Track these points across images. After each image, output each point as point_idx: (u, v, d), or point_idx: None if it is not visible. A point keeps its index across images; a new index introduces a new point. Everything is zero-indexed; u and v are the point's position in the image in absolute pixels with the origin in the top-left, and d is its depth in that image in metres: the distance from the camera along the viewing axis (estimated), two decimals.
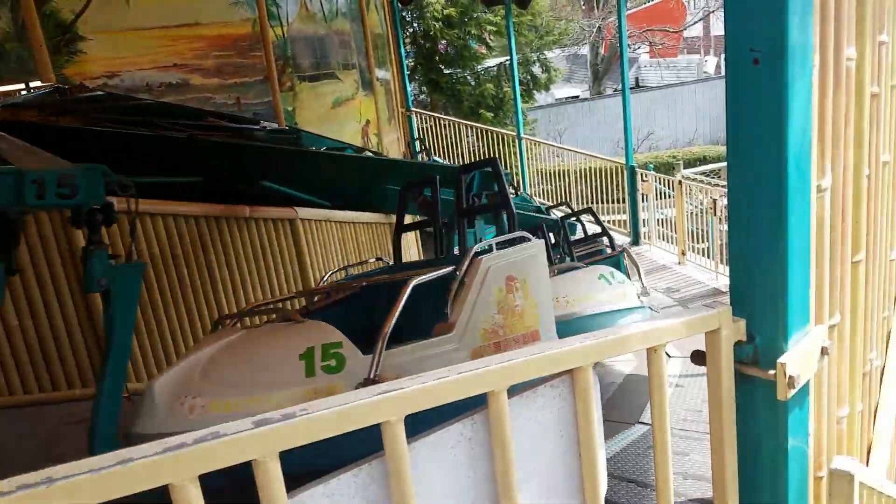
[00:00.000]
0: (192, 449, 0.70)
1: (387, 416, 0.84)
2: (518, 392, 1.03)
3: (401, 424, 0.85)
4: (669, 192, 9.13)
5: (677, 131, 22.28)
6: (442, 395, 0.88)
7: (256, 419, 0.75)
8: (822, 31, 1.30)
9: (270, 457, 0.77)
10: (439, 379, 0.88)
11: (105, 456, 0.68)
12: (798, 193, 1.15)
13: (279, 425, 0.76)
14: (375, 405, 0.83)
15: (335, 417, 0.79)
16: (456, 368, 0.90)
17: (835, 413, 1.63)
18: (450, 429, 0.95)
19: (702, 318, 1.17)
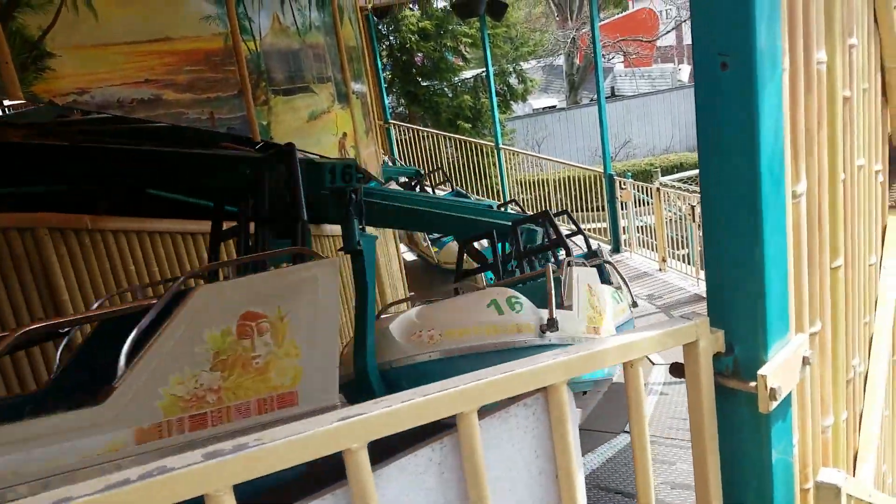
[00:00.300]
0: (136, 485, 0.65)
1: (348, 444, 0.79)
2: (490, 412, 0.98)
3: (364, 451, 0.80)
4: (648, 200, 9.18)
5: (654, 139, 22.51)
6: (407, 419, 0.83)
7: (207, 451, 0.70)
8: (791, 35, 1.29)
9: (224, 491, 0.71)
10: (404, 402, 0.83)
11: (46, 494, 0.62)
12: (773, 199, 1.13)
13: (231, 457, 0.70)
14: (335, 432, 0.78)
15: (292, 447, 0.74)
16: (422, 390, 0.85)
17: (819, 423, 1.60)
18: (418, 453, 0.90)
19: (679, 331, 1.14)
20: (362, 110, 8.08)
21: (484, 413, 0.96)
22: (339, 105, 7.00)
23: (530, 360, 0.96)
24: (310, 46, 6.25)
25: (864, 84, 2.06)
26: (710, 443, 1.20)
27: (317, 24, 6.36)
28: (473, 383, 0.89)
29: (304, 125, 6.11)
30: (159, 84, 4.34)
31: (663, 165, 16.87)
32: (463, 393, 0.88)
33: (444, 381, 0.89)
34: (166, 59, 4.46)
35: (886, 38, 2.26)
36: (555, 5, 24.68)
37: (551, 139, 20.82)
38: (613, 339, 1.08)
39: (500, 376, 0.92)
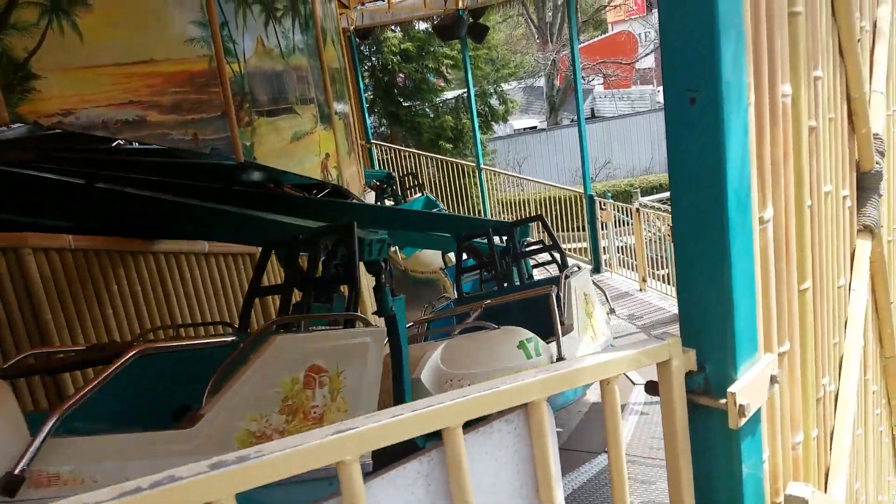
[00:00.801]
0: (147, 493, 0.70)
1: (341, 456, 0.84)
2: (474, 428, 1.03)
3: (356, 464, 0.85)
4: (628, 220, 9.32)
5: (633, 160, 22.84)
6: (397, 433, 0.89)
7: (212, 462, 0.75)
8: (757, 70, 1.37)
9: (227, 499, 0.76)
10: (394, 417, 0.88)
11: None
12: (739, 226, 1.20)
13: (234, 468, 0.75)
14: (330, 445, 0.82)
15: (290, 459, 0.79)
16: (410, 406, 0.91)
17: (789, 439, 1.66)
18: (406, 466, 0.95)
19: (652, 350, 1.20)
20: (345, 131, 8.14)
21: (468, 429, 1.01)
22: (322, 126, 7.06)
23: (512, 378, 1.02)
24: (293, 68, 6.32)
25: (830, 114, 2.16)
26: (683, 458, 1.26)
27: (300, 46, 6.43)
28: (458, 400, 0.94)
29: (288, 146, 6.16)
30: (144, 105, 4.38)
31: (643, 186, 17.15)
32: (449, 408, 0.93)
33: (429, 399, 0.94)
34: (151, 80, 4.50)
35: (851, 70, 2.37)
36: (535, 28, 25.09)
37: (532, 160, 21.05)
38: (590, 359, 1.14)
39: (484, 393, 0.97)
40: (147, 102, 4.27)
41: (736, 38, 1.20)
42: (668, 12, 1.21)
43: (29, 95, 3.69)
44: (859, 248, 2.46)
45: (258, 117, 5.52)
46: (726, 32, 1.16)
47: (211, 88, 4.83)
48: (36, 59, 3.77)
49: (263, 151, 5.48)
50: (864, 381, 2.68)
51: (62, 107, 3.88)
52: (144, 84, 4.29)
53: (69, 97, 3.90)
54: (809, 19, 1.84)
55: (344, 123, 8.02)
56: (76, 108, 3.91)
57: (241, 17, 5.34)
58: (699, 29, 1.14)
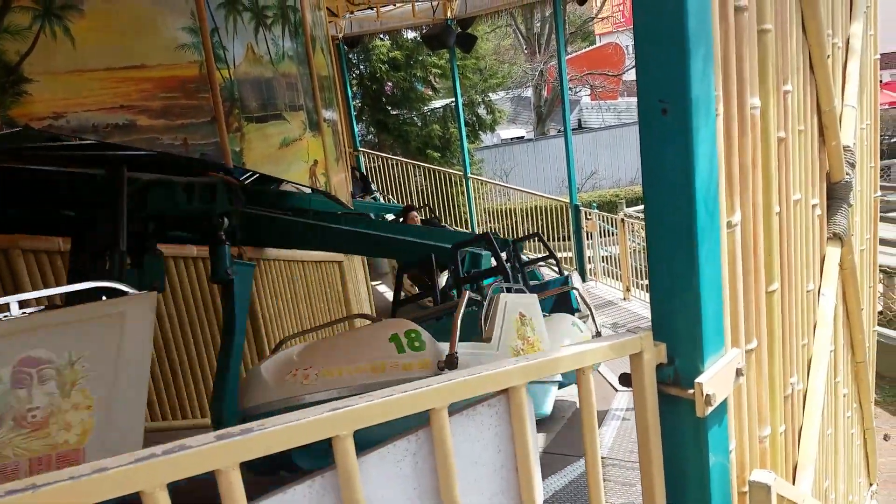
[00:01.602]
0: (161, 459, 0.77)
1: (337, 431, 0.91)
2: (459, 410, 1.11)
3: (350, 439, 0.93)
4: (613, 230, 9.44)
5: (619, 171, 23.07)
6: (388, 411, 0.97)
7: (218, 433, 0.82)
8: (725, 84, 1.46)
9: (232, 467, 0.84)
10: (385, 397, 0.96)
11: (82, 466, 0.73)
12: (707, 229, 1.29)
13: (239, 438, 0.83)
14: (327, 420, 0.90)
15: (290, 432, 0.87)
16: (400, 388, 0.98)
17: (756, 432, 1.75)
18: (396, 444, 1.02)
19: (626, 342, 1.28)
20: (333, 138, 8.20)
21: (454, 410, 1.08)
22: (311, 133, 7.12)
23: (495, 365, 1.10)
24: (282, 75, 6.38)
25: (800, 126, 2.26)
26: (654, 444, 1.34)
27: (290, 53, 6.49)
28: (445, 383, 1.02)
29: (276, 152, 6.22)
30: (134, 110, 4.42)
31: (628, 197, 17.32)
32: (435, 391, 1.01)
33: (417, 382, 1.02)
34: (141, 85, 4.55)
35: (822, 85, 2.47)
36: (523, 38, 25.31)
37: (519, 169, 21.21)
38: (567, 349, 1.22)
39: (469, 378, 1.05)
40: (138, 107, 4.32)
41: (705, 54, 1.29)
42: (641, 28, 1.30)
43: (20, 98, 3.73)
44: (829, 255, 2.56)
45: (247, 123, 5.58)
46: (695, 49, 1.25)
47: (201, 94, 4.88)
48: (28, 63, 3.81)
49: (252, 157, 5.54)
50: (835, 383, 2.78)
51: (53, 110, 3.92)
52: (135, 89, 4.33)
53: (60, 101, 3.94)
54: (779, 36, 1.95)
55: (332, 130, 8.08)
56: (67, 112, 3.95)
57: (232, 24, 5.40)
58: (670, 45, 1.24)
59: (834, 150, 2.47)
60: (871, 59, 3.38)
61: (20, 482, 0.70)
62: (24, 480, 0.71)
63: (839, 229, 2.53)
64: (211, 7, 4.92)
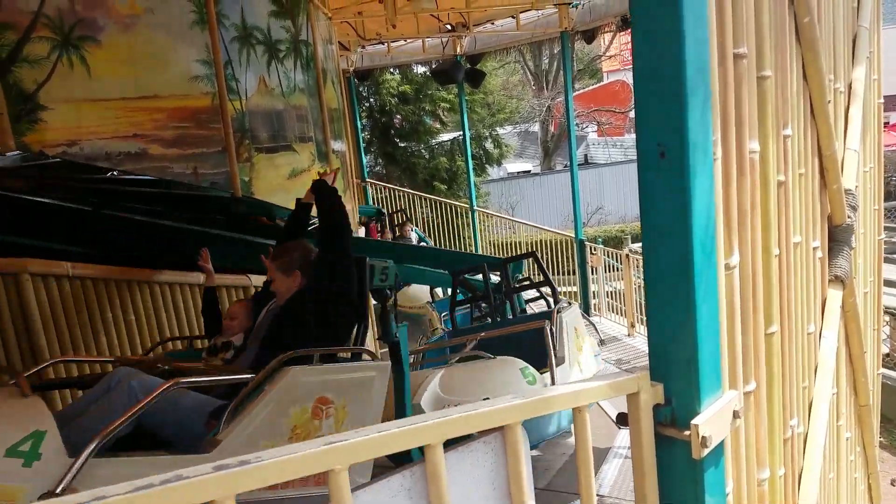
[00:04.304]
0: (159, 489, 0.78)
1: (332, 465, 0.92)
2: (454, 446, 1.12)
3: (345, 473, 0.94)
4: (618, 266, 9.44)
5: (626, 207, 23.10)
6: (383, 447, 0.97)
7: (216, 464, 0.83)
8: (724, 128, 1.49)
9: (228, 498, 0.85)
10: (381, 432, 0.97)
11: (80, 495, 0.75)
12: (704, 270, 1.30)
13: (236, 470, 0.84)
14: (322, 454, 0.91)
15: (285, 465, 0.88)
16: (394, 424, 0.99)
17: (755, 475, 1.74)
18: (391, 479, 1.03)
19: (623, 382, 1.29)
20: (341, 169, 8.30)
21: (449, 447, 1.09)
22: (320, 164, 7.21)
23: (490, 402, 1.11)
24: (293, 107, 6.50)
25: (800, 169, 2.28)
26: (650, 486, 1.34)
27: (301, 86, 6.62)
28: (440, 419, 1.03)
29: (285, 182, 6.30)
30: (147, 139, 4.51)
31: (634, 232, 17.31)
32: (431, 427, 1.02)
33: (414, 418, 1.03)
34: (154, 115, 4.65)
35: (822, 128, 2.50)
36: (531, 74, 25.62)
37: (525, 203, 21.29)
38: (564, 388, 1.23)
39: (465, 414, 1.06)
40: (150, 136, 4.41)
41: (703, 99, 1.32)
42: (641, 73, 1.33)
43: (36, 126, 3.82)
44: (830, 297, 2.56)
45: (257, 153, 5.67)
46: (693, 94, 1.28)
47: (212, 124, 4.98)
48: (45, 91, 3.91)
49: (261, 187, 5.62)
50: (837, 426, 2.76)
51: (68, 137, 4.01)
52: (148, 118, 4.43)
53: (75, 128, 4.03)
54: (779, 82, 1.98)
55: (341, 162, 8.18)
56: (81, 139, 4.04)
57: (245, 57, 5.53)
58: (669, 89, 1.27)
59: (835, 194, 2.49)
60: (874, 103, 3.41)
61: None
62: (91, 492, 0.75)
63: (840, 272, 2.53)
64: (225, 40, 5.04)
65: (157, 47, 4.52)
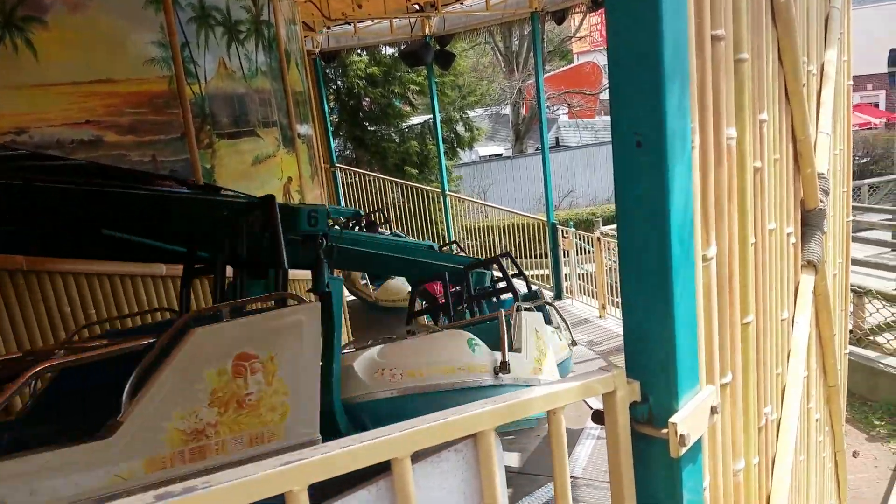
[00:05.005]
0: None
1: (290, 486, 0.85)
2: (422, 457, 1.05)
3: (304, 494, 0.87)
4: (589, 248, 9.46)
5: (596, 189, 23.24)
6: (345, 463, 0.90)
7: (158, 493, 0.75)
8: (701, 115, 1.43)
9: None
10: (343, 448, 0.90)
11: None
12: (682, 264, 1.25)
13: (180, 498, 0.75)
14: (279, 476, 0.84)
15: (238, 489, 0.80)
16: (358, 437, 0.92)
17: (731, 467, 1.71)
18: (356, 495, 0.96)
19: (598, 381, 1.23)
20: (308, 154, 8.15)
21: (418, 456, 1.02)
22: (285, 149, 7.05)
23: (461, 409, 1.04)
24: (256, 91, 6.32)
25: (775, 154, 2.25)
26: (627, 484, 1.29)
27: (263, 68, 6.44)
28: (408, 431, 0.96)
29: (249, 168, 6.14)
30: (101, 125, 4.33)
31: (605, 215, 17.40)
32: (397, 440, 0.95)
33: (379, 430, 0.96)
34: (109, 100, 4.45)
35: (797, 112, 2.46)
36: (502, 56, 25.49)
37: (497, 187, 21.27)
38: (539, 389, 1.17)
39: (433, 424, 0.99)
40: (105, 122, 4.23)
41: (681, 85, 1.26)
42: (615, 57, 1.27)
43: None
44: (803, 282, 2.55)
45: (219, 139, 5.50)
46: (671, 80, 1.22)
47: (171, 110, 4.80)
48: None
49: (224, 174, 5.46)
50: (807, 409, 2.76)
51: (16, 125, 3.82)
52: (102, 104, 4.24)
53: (23, 115, 3.83)
54: (756, 65, 1.93)
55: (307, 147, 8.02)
56: (30, 127, 3.85)
57: (203, 39, 5.34)
58: (645, 76, 1.20)
59: (809, 178, 2.47)
60: (844, 85, 3.41)
61: None
62: None
63: (813, 257, 2.52)
64: (181, 21, 4.85)
65: (109, 28, 4.32)
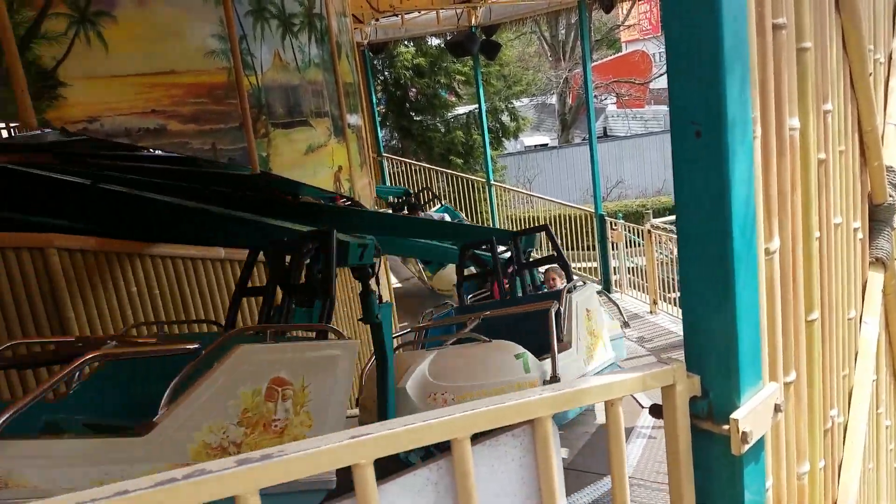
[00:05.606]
0: (181, 484, 0.77)
1: (357, 459, 0.90)
2: (481, 440, 1.08)
3: (370, 467, 0.92)
4: (639, 241, 9.30)
5: (645, 180, 22.82)
6: (409, 441, 0.95)
7: (239, 458, 0.81)
8: (763, 105, 1.41)
9: (251, 493, 0.83)
10: (405, 426, 0.94)
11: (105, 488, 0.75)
12: (744, 257, 1.23)
13: (258, 464, 0.82)
14: (347, 448, 0.89)
15: (310, 458, 0.86)
16: (421, 416, 0.96)
17: (794, 469, 1.68)
18: (417, 473, 1.00)
19: (657, 374, 1.23)
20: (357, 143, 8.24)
21: (476, 440, 1.05)
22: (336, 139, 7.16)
23: (520, 394, 1.06)
24: (309, 82, 6.43)
25: (840, 146, 2.18)
26: (686, 481, 1.29)
27: (316, 60, 6.54)
28: (468, 412, 0.99)
29: (302, 157, 6.25)
30: (165, 115, 4.48)
31: (655, 207, 17.09)
32: (457, 420, 0.99)
33: (441, 409, 0.99)
34: (172, 91, 4.61)
35: (863, 103, 2.38)
36: (548, 45, 25.21)
37: (542, 177, 21.09)
38: (596, 379, 1.18)
39: (492, 408, 1.02)
40: (168, 112, 4.38)
41: (741, 74, 1.24)
42: (674, 47, 1.25)
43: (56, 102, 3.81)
44: (871, 280, 2.47)
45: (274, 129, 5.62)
46: (731, 69, 1.20)
47: (229, 100, 4.93)
48: (63, 68, 3.89)
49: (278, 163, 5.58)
50: (877, 414, 2.67)
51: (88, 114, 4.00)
52: (166, 94, 4.40)
53: (94, 105, 4.01)
54: (819, 54, 1.88)
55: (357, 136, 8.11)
56: (101, 116, 4.02)
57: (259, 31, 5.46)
58: (705, 66, 1.18)
59: (876, 171, 2.39)
60: None
61: None
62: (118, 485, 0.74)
63: (882, 253, 2.44)
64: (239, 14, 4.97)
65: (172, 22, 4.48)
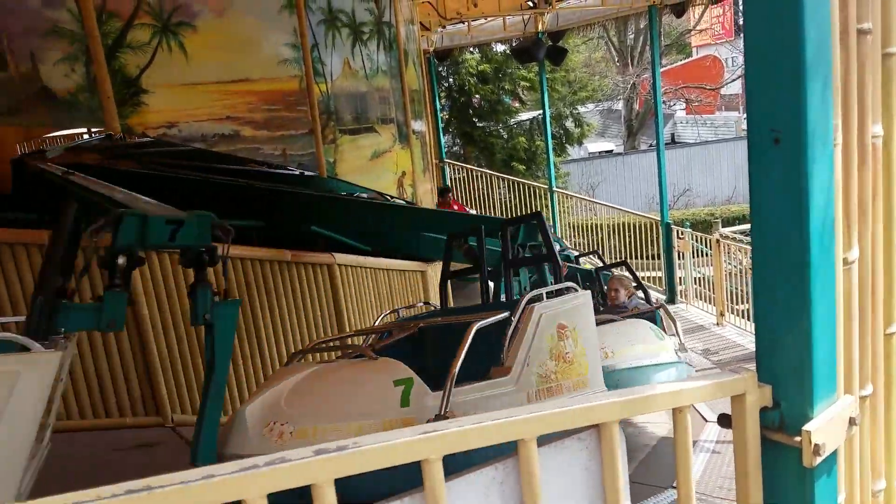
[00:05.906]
0: (263, 470, 0.82)
1: (427, 455, 0.93)
2: (547, 442, 1.09)
3: (439, 463, 0.95)
4: (707, 251, 9.05)
5: (714, 189, 22.19)
6: (478, 439, 0.97)
7: (316, 448, 0.85)
8: (845, 111, 1.37)
9: (327, 482, 0.87)
10: (475, 424, 0.96)
11: (192, 471, 0.80)
12: (821, 266, 1.20)
13: (335, 455, 0.86)
14: (419, 443, 0.92)
15: (383, 451, 0.90)
16: (490, 416, 0.98)
17: (869, 485, 1.62)
18: (483, 471, 1.02)
19: (728, 383, 1.21)
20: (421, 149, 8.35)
21: (542, 442, 1.06)
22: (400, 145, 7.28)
23: (586, 398, 1.07)
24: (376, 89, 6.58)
25: None
26: (754, 493, 1.26)
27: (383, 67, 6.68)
28: (535, 414, 1.01)
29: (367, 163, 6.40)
30: (239, 121, 4.70)
31: (724, 216, 16.61)
32: (525, 421, 1.01)
33: (509, 410, 1.01)
34: (247, 98, 4.82)
35: None
36: (616, 50, 24.86)
37: (606, 184, 20.79)
38: (664, 386, 1.17)
39: (558, 410, 1.03)
40: (243, 118, 4.60)
41: (824, 81, 1.22)
42: (753, 53, 1.24)
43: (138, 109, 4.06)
44: None
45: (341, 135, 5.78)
46: (813, 76, 1.18)
47: (300, 107, 5.12)
48: (146, 76, 4.13)
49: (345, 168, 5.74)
50: None
51: (167, 120, 4.23)
52: (241, 101, 4.61)
53: (173, 111, 4.25)
54: None
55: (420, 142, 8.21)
56: (179, 122, 4.25)
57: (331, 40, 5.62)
58: (785, 71, 1.17)
59: None
60: None
61: (138, 482, 0.75)
62: (140, 481, 0.77)
63: None
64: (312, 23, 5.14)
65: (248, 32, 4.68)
